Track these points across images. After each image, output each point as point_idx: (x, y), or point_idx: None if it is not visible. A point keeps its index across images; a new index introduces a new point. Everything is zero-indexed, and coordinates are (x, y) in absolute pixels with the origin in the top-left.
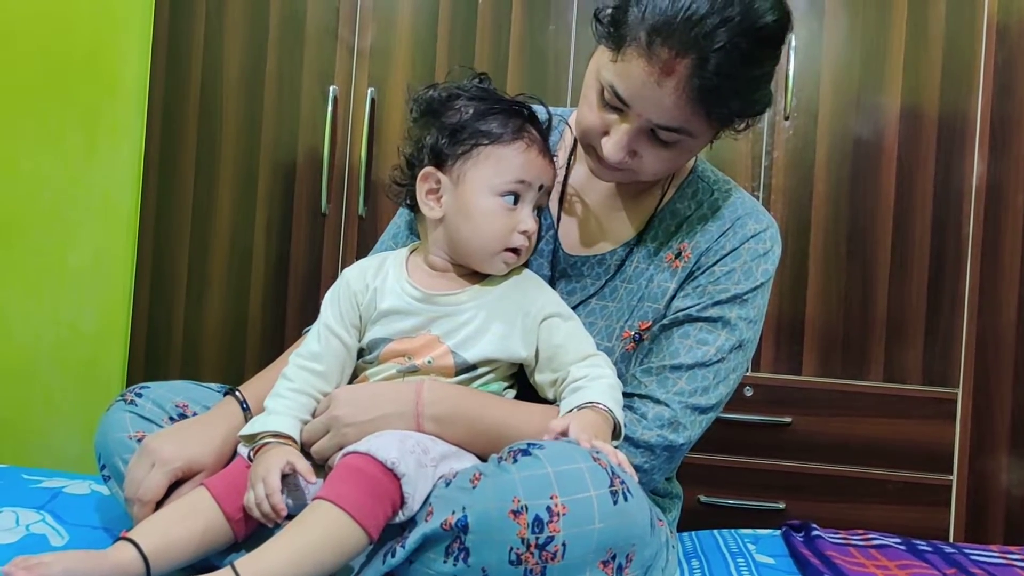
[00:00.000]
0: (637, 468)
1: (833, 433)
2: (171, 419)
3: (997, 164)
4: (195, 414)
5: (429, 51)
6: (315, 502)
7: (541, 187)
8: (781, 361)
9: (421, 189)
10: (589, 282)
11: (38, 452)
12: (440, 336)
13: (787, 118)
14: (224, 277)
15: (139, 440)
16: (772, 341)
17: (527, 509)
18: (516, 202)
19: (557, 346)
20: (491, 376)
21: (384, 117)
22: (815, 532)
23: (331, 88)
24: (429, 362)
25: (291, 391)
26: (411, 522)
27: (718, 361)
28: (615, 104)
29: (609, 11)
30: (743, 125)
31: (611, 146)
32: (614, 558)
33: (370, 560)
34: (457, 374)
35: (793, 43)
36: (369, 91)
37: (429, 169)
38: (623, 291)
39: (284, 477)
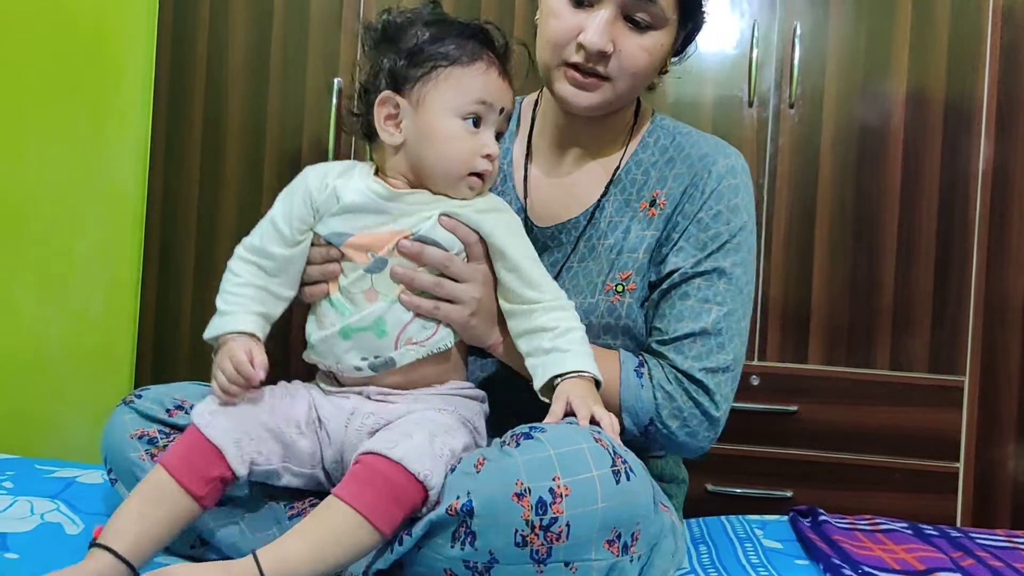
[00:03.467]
0: (683, 430)
1: (839, 421)
2: (167, 411)
3: (1004, 148)
4: (192, 406)
5: None
6: (334, 500)
7: (502, 110)
8: (787, 349)
9: (379, 114)
10: (568, 248)
11: (49, 440)
12: (405, 229)
13: (792, 105)
14: None
15: (139, 438)
16: (778, 329)
17: (530, 491)
18: (477, 125)
19: (515, 267)
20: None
21: None
22: (822, 517)
23: (335, 80)
24: (391, 248)
25: (239, 285)
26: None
27: (726, 315)
28: None
29: None
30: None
31: (592, 32)
32: (619, 537)
33: (379, 551)
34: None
35: (798, 30)
36: None
37: (387, 93)
38: (600, 247)
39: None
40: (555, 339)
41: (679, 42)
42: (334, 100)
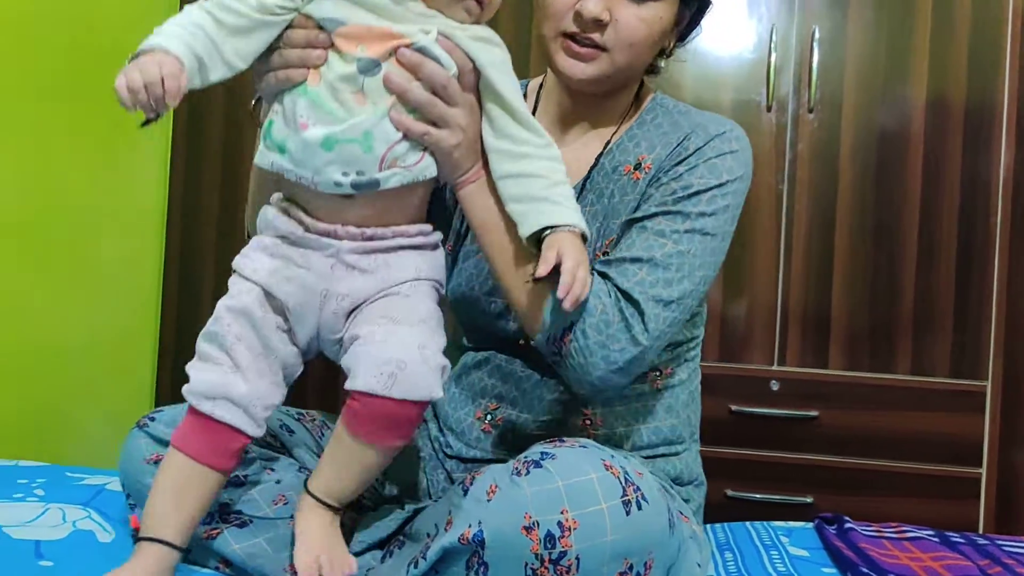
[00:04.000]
0: (599, 353)
1: (860, 427)
2: None
3: None
4: None
5: None
6: (352, 440)
7: None
8: (807, 355)
9: None
10: None
11: (74, 444)
12: (402, 34)
13: (811, 111)
14: None
15: (155, 463)
16: (798, 334)
17: (539, 525)
18: None
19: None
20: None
21: None
22: (848, 525)
23: None
24: (390, 53)
25: (185, 24)
26: (435, 531)
27: (679, 253)
28: None
29: None
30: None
31: (589, 1)
32: (631, 568)
33: (394, 571)
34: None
35: (816, 34)
36: None
37: None
38: (588, 215)
39: None
40: (548, 188)
41: (685, 22)
42: None
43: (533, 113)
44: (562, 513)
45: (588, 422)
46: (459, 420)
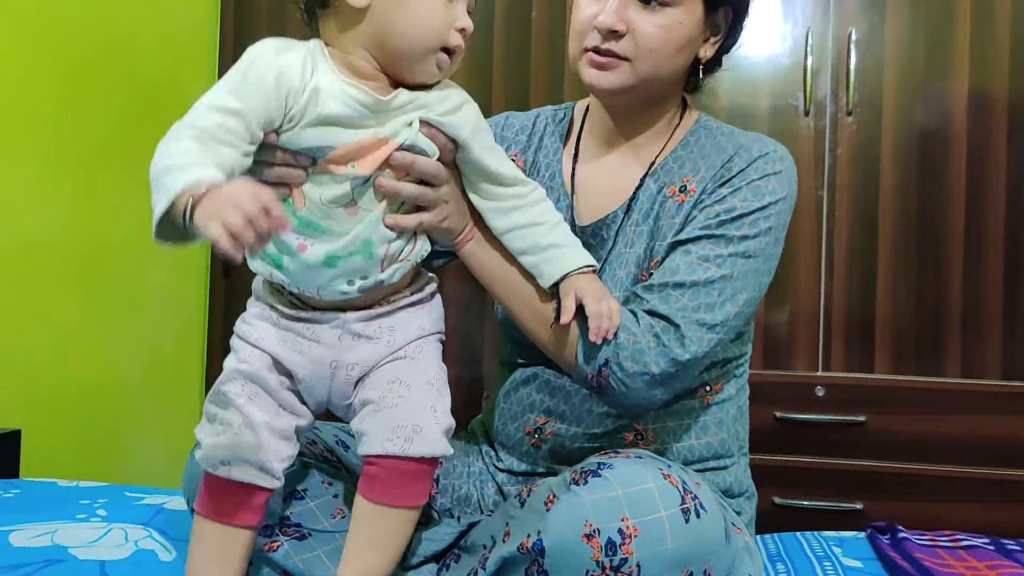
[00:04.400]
0: (642, 377)
1: (910, 431)
2: None
3: None
4: None
5: (485, 63)
6: (373, 506)
7: None
8: (852, 359)
9: None
10: (609, 243)
11: (129, 466)
12: (388, 137)
13: (850, 113)
14: None
15: None
16: (842, 339)
17: (599, 532)
18: None
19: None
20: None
21: None
22: (901, 534)
23: None
24: (382, 165)
25: (190, 139)
26: (492, 543)
27: (721, 278)
28: None
29: None
30: (726, 32)
31: (603, 13)
32: (691, 574)
33: None
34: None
35: (853, 36)
36: None
37: None
38: (633, 235)
39: None
40: (549, 233)
41: (723, 31)
42: None
43: (579, 135)
44: (622, 521)
45: (639, 436)
46: (509, 435)
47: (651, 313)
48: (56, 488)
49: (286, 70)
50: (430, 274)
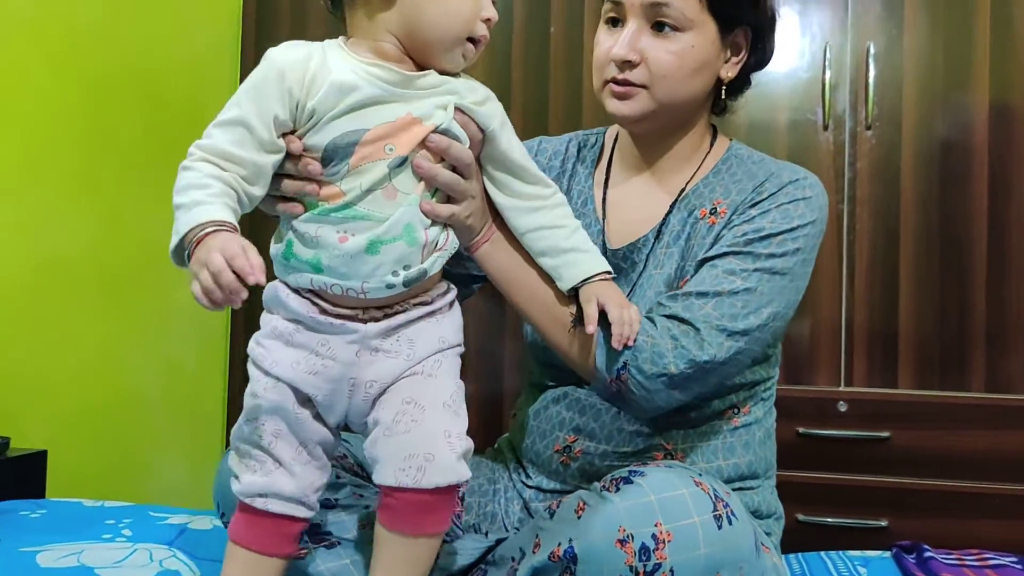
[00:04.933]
0: (661, 379)
1: (935, 447)
2: None
3: None
4: None
5: (504, 83)
6: (393, 536)
7: None
8: (875, 374)
9: None
10: (640, 266)
11: (152, 485)
12: (422, 118)
13: (869, 128)
14: None
15: None
16: (865, 353)
17: (633, 538)
18: None
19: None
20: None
21: None
22: (927, 553)
23: None
24: (420, 144)
25: (207, 177)
26: (520, 555)
27: (746, 290)
28: (616, 15)
29: None
30: (747, 51)
31: (617, 45)
32: None
33: None
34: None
35: (871, 50)
36: None
37: None
38: (664, 257)
39: None
40: (570, 237)
41: (744, 50)
42: None
43: (609, 161)
44: (656, 526)
45: (668, 455)
46: (538, 453)
47: (671, 317)
48: (81, 508)
49: (289, 65)
50: (448, 282)
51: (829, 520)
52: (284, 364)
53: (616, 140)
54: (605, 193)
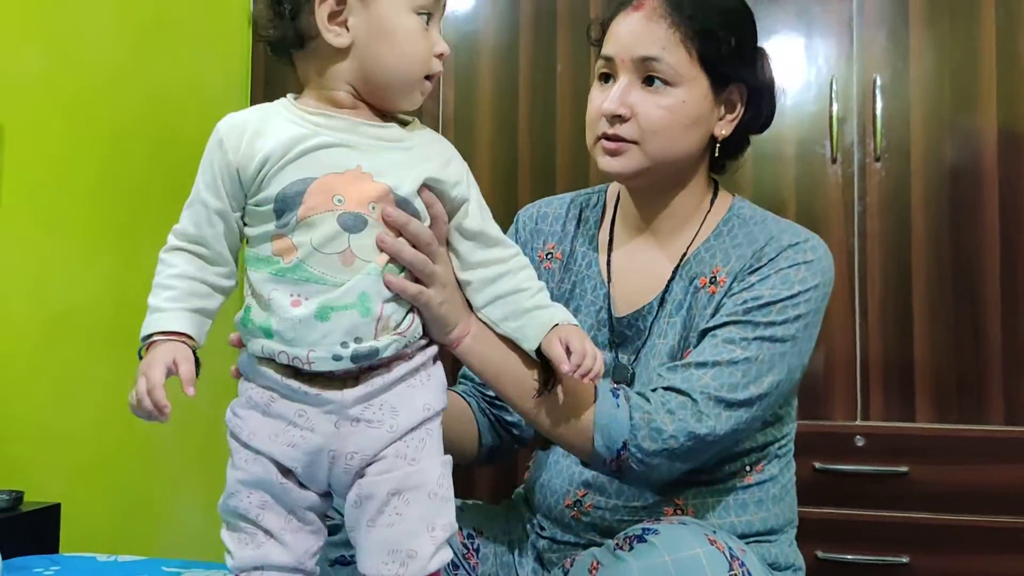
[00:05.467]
0: (662, 454)
1: (954, 481)
2: None
3: None
4: None
5: (511, 119)
6: None
7: (444, 4)
8: (892, 408)
9: (321, 14)
10: (644, 334)
11: (166, 533)
12: (372, 175)
13: (878, 159)
14: None
15: None
16: (881, 388)
17: None
18: (428, 21)
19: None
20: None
21: None
22: None
23: None
24: (372, 208)
25: (173, 277)
26: None
27: (745, 359)
28: (608, 71)
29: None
30: (741, 101)
31: (607, 100)
32: None
33: None
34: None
35: (878, 82)
36: None
37: None
38: (667, 326)
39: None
40: (533, 297)
41: (740, 107)
42: None
43: (612, 221)
44: None
45: (679, 510)
46: (550, 507)
47: (669, 389)
48: (95, 563)
49: (226, 132)
50: (427, 336)
51: (849, 557)
52: (262, 436)
53: (618, 199)
54: (609, 256)
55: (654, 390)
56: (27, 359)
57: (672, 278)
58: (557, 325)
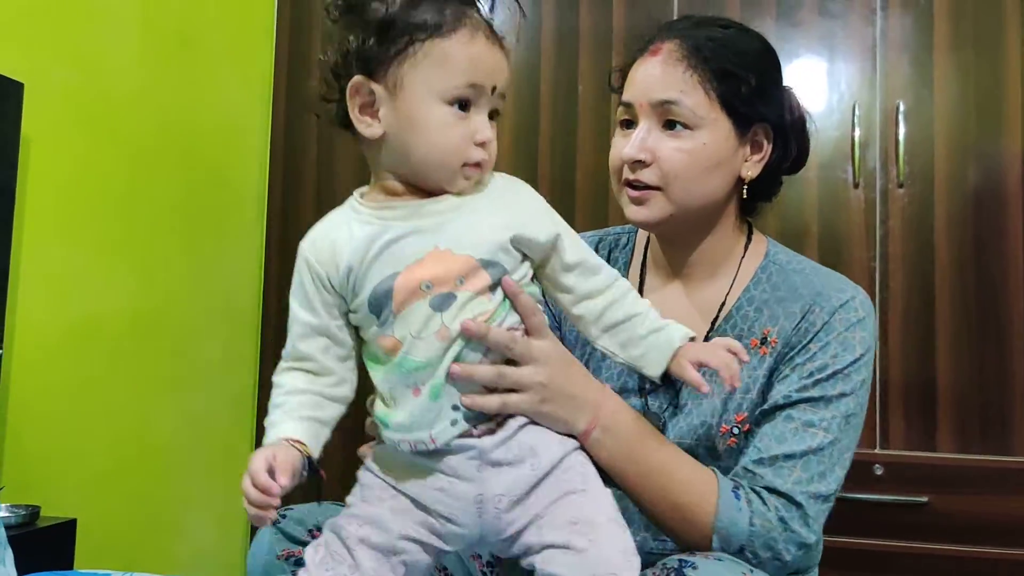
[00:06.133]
0: (772, 563)
1: (975, 512)
2: (310, 532)
3: None
4: None
5: (531, 140)
6: None
7: (494, 89)
8: (913, 437)
9: (353, 105)
10: (679, 384)
11: (179, 546)
12: (451, 249)
13: (901, 185)
14: None
15: (286, 559)
16: (902, 416)
17: None
18: (466, 108)
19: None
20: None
21: None
22: None
23: None
24: (460, 282)
25: (284, 394)
26: None
27: (830, 444)
28: (628, 117)
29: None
30: (765, 138)
31: (628, 146)
32: None
33: None
34: (492, 288)
35: (901, 107)
36: None
37: (358, 79)
38: (713, 382)
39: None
40: (647, 320)
41: (764, 144)
42: None
43: (642, 267)
44: None
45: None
46: None
47: (770, 490)
48: None
49: (310, 247)
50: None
51: None
52: (401, 474)
53: (648, 240)
54: None
55: (760, 491)
56: (46, 371)
57: (711, 329)
58: (680, 348)
